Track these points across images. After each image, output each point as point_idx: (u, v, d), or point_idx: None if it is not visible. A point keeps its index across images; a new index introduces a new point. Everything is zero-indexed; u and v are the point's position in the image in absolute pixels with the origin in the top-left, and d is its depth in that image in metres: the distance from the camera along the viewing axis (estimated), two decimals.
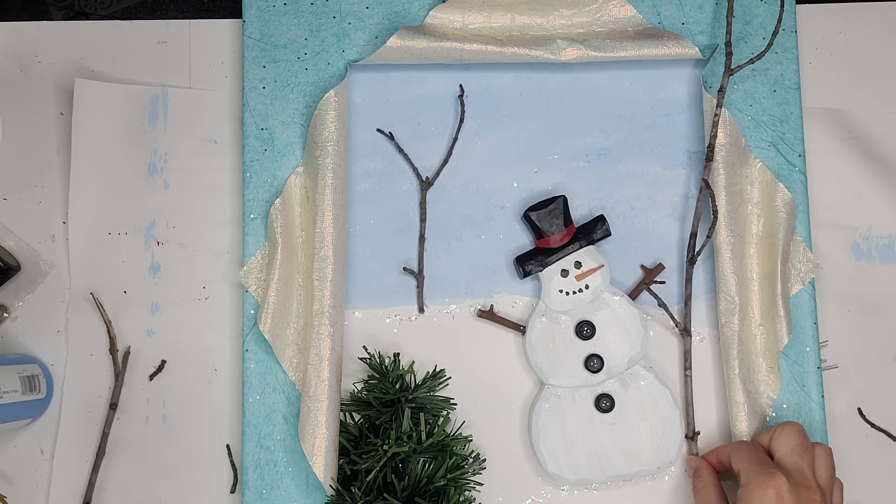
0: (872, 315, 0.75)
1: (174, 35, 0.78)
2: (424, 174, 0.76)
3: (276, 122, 0.75)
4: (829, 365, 0.75)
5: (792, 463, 0.63)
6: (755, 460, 0.64)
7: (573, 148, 0.76)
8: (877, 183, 0.77)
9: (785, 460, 0.63)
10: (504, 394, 0.74)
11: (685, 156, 0.76)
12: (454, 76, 0.76)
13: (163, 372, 0.74)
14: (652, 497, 0.72)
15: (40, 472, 0.74)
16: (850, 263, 0.76)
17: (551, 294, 0.73)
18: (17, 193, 0.76)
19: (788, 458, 0.63)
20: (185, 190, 0.76)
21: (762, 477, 0.61)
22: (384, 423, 0.69)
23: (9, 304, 0.75)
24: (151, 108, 0.77)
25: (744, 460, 0.64)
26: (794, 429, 0.65)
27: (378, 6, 0.76)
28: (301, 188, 0.73)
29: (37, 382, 0.72)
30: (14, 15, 0.80)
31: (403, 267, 0.75)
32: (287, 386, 0.72)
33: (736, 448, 0.67)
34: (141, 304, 0.75)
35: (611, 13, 0.76)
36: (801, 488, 0.61)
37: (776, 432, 0.66)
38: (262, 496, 0.71)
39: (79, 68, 0.78)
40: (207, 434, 0.74)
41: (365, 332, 0.74)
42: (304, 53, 0.75)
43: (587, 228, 0.74)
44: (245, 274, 0.73)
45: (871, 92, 0.78)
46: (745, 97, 0.75)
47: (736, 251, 0.72)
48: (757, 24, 0.76)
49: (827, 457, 0.65)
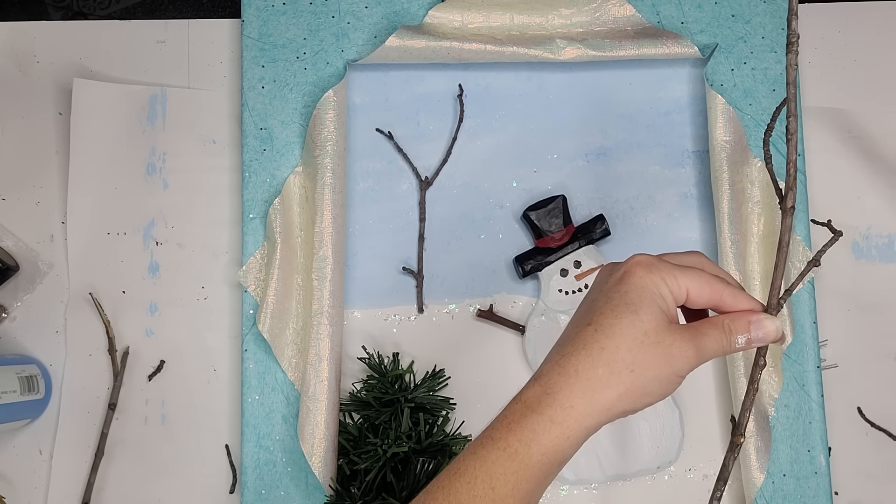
0: (872, 315, 0.75)
1: (173, 35, 0.78)
2: (424, 174, 0.76)
3: (275, 122, 0.75)
4: (828, 364, 0.75)
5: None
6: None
7: (572, 147, 0.76)
8: (877, 183, 0.77)
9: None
10: (504, 394, 0.72)
11: (685, 155, 0.76)
12: (453, 76, 0.76)
13: (162, 372, 0.74)
14: (652, 497, 0.72)
15: (39, 472, 0.73)
16: (849, 263, 0.76)
17: (551, 293, 0.73)
18: (15, 193, 0.76)
19: None
20: (183, 190, 0.76)
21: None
22: (383, 423, 0.68)
23: (7, 305, 0.75)
24: (150, 108, 0.77)
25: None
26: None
27: (377, 6, 0.76)
28: (300, 188, 0.73)
29: (35, 383, 0.72)
30: (13, 15, 0.80)
31: (403, 267, 0.74)
32: (286, 386, 0.72)
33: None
34: (140, 305, 0.75)
35: (610, 12, 0.75)
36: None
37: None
38: (262, 496, 0.71)
39: (77, 68, 0.78)
40: (206, 434, 0.74)
41: (364, 332, 0.74)
42: (303, 53, 0.75)
43: (586, 228, 0.73)
44: (244, 274, 0.73)
45: (871, 91, 0.78)
46: (745, 97, 0.75)
47: (739, 250, 0.72)
48: (756, 23, 0.76)
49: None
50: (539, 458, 0.45)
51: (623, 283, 0.47)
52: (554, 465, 0.45)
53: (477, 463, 0.45)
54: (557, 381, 0.45)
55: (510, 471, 0.45)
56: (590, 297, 0.48)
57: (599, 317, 0.46)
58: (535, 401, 0.46)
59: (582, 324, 0.47)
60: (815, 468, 0.71)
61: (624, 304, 0.46)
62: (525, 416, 0.45)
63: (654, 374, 0.45)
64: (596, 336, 0.45)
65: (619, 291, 0.46)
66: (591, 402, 0.45)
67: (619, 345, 0.45)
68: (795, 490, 0.71)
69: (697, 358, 0.46)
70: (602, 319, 0.46)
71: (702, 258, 0.50)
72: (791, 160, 0.48)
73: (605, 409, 0.45)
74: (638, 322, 0.45)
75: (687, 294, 0.47)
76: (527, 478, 0.45)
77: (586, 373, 0.45)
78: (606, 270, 0.49)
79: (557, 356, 0.46)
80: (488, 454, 0.45)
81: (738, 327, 0.47)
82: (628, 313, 0.45)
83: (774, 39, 0.76)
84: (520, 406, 0.46)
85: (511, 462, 0.45)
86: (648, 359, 0.45)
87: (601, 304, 0.47)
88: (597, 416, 0.45)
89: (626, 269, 0.47)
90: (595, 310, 0.47)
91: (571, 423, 0.45)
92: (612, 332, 0.45)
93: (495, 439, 0.45)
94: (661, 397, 0.46)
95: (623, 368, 0.45)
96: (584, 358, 0.45)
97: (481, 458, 0.45)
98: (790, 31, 0.47)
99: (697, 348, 0.46)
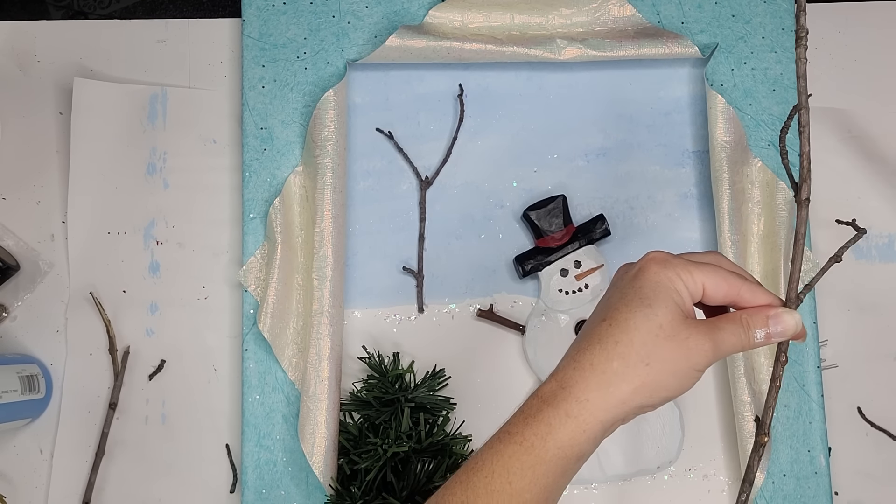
0: (872, 315, 0.75)
1: (173, 34, 0.78)
2: (424, 173, 0.76)
3: (275, 122, 0.75)
4: (828, 364, 0.75)
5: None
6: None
7: (573, 147, 0.76)
8: (877, 183, 0.77)
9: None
10: (504, 393, 0.74)
11: (685, 155, 0.76)
12: (453, 75, 0.76)
13: (162, 372, 0.74)
14: (652, 497, 0.72)
15: (39, 471, 0.73)
16: (850, 263, 0.76)
17: (551, 293, 0.73)
18: (16, 193, 0.76)
19: None
20: (184, 189, 0.76)
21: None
22: (384, 422, 0.68)
23: (8, 304, 0.75)
24: (151, 108, 0.77)
25: None
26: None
27: (377, 5, 0.76)
28: (300, 187, 0.73)
29: (36, 382, 0.72)
30: (13, 14, 0.80)
31: (403, 266, 0.74)
32: (286, 385, 0.72)
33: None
34: (140, 304, 0.75)
35: (610, 12, 0.76)
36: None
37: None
38: (262, 496, 0.71)
39: (78, 68, 0.78)
40: (207, 434, 0.74)
41: (364, 332, 0.74)
42: (304, 53, 0.75)
43: (586, 228, 0.74)
44: (244, 273, 0.73)
45: (871, 92, 0.78)
46: (744, 96, 0.75)
47: (739, 250, 0.72)
48: (756, 23, 0.76)
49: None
50: (556, 451, 0.45)
51: (637, 278, 0.47)
52: (571, 459, 0.45)
53: (494, 457, 0.46)
54: (573, 376, 0.46)
55: (527, 465, 0.45)
56: (606, 296, 0.49)
57: (614, 312, 0.46)
58: (550, 395, 0.46)
59: (597, 320, 0.47)
60: (815, 468, 0.71)
61: (638, 298, 0.46)
62: (541, 410, 0.46)
63: (671, 367, 0.45)
64: (610, 330, 0.46)
65: (633, 287, 0.47)
66: (606, 396, 0.45)
67: (634, 338, 0.45)
68: (795, 490, 0.71)
69: (714, 352, 0.46)
70: (616, 314, 0.46)
71: (719, 256, 0.50)
72: (804, 152, 0.48)
73: (620, 402, 0.45)
74: (652, 315, 0.45)
75: (703, 290, 0.47)
76: (544, 472, 0.45)
77: (601, 366, 0.45)
78: (622, 269, 0.50)
79: (573, 352, 0.47)
80: (505, 448, 0.46)
81: (756, 322, 0.47)
82: (643, 307, 0.46)
83: (774, 39, 0.76)
84: (536, 401, 0.46)
85: (528, 456, 0.45)
86: (664, 352, 0.45)
87: (616, 300, 0.47)
88: (613, 409, 0.45)
89: (640, 266, 0.48)
90: (610, 306, 0.47)
91: (587, 417, 0.45)
92: (627, 326, 0.45)
93: (512, 434, 0.46)
94: (679, 392, 0.46)
95: (638, 361, 0.45)
96: (599, 352, 0.45)
97: (498, 452, 0.46)
98: (798, 25, 0.47)
99: (714, 342, 0.46)
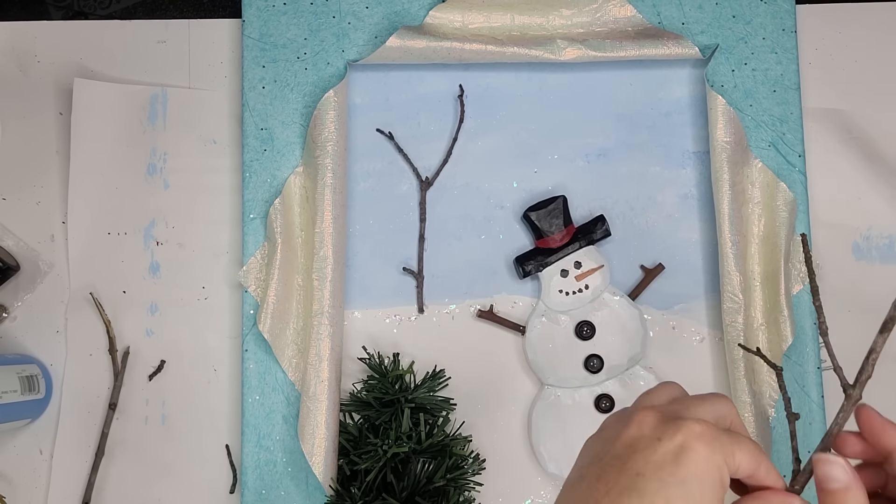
0: (872, 315, 0.75)
1: (173, 35, 0.78)
2: (424, 174, 0.76)
3: (275, 122, 0.75)
4: (828, 365, 0.75)
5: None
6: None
7: (573, 148, 0.76)
8: (877, 183, 0.77)
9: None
10: (504, 394, 0.74)
11: (685, 156, 0.76)
12: (454, 76, 0.76)
13: (162, 372, 0.74)
14: None
15: (39, 472, 0.73)
16: (850, 263, 0.76)
17: (551, 294, 0.73)
18: (16, 193, 0.76)
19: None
20: (184, 190, 0.76)
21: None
22: (384, 423, 0.68)
23: (8, 304, 0.75)
24: (151, 108, 0.77)
25: None
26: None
27: (378, 6, 0.76)
28: (300, 188, 0.73)
29: (36, 382, 0.72)
30: (13, 14, 0.80)
31: (403, 267, 0.74)
32: (286, 386, 0.72)
33: None
34: (140, 304, 0.75)
35: (611, 13, 0.76)
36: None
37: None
38: (262, 496, 0.71)
39: (78, 68, 0.78)
40: (207, 434, 0.74)
41: (364, 332, 0.74)
42: (304, 53, 0.75)
43: (587, 228, 0.74)
44: (244, 274, 0.73)
45: (871, 92, 0.78)
46: (745, 97, 0.75)
47: (739, 250, 0.72)
48: (757, 24, 0.76)
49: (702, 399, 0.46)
50: None
51: (681, 464, 0.38)
52: None
53: None
54: None
55: None
56: (631, 468, 0.39)
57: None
58: None
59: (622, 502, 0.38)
60: None
61: (683, 498, 0.38)
62: None
63: None
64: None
65: (676, 478, 0.38)
66: None
67: None
68: None
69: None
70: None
71: (730, 406, 0.43)
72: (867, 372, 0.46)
73: None
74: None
75: (738, 469, 0.41)
76: None
77: None
78: (649, 431, 0.40)
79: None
80: None
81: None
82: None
83: (775, 41, 0.76)
84: None
85: None
86: None
87: (652, 490, 0.38)
88: None
89: (684, 444, 0.39)
90: (643, 493, 0.38)
91: None
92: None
93: None
94: None
95: None
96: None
97: None
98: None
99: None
